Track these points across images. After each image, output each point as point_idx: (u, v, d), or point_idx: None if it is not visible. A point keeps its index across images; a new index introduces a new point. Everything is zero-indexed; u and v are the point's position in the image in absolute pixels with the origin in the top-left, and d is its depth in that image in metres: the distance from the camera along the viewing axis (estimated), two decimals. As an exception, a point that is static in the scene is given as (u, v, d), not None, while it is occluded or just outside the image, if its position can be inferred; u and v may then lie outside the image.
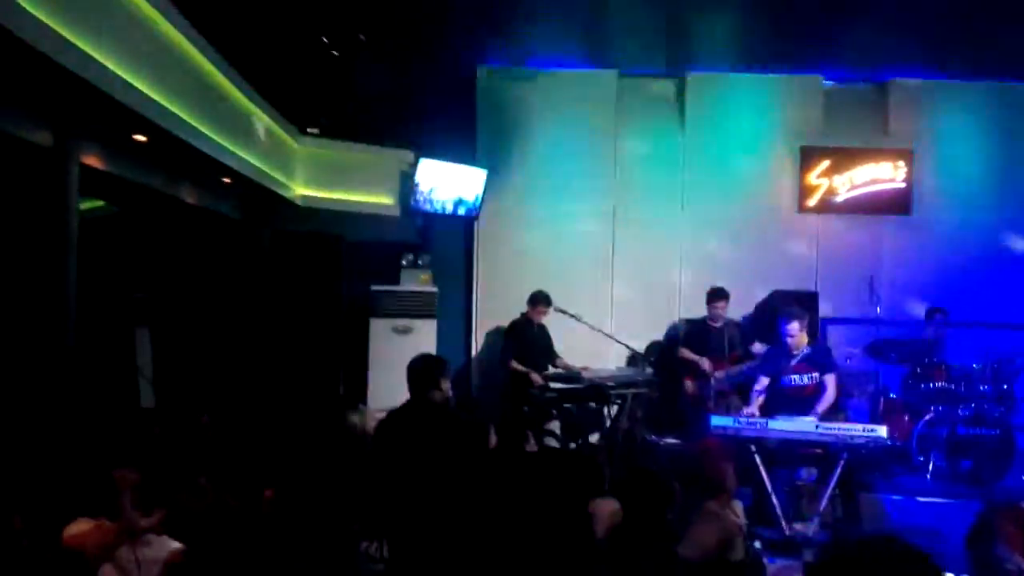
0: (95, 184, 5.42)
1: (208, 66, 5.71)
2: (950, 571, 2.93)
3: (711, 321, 7.81)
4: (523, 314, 7.99)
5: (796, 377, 6.18)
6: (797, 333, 6.13)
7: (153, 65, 4.82)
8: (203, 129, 5.59)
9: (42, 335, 4.77)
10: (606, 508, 3.87)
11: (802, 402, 6.07)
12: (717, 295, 7.79)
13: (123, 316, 6.55)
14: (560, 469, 4.04)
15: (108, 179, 5.42)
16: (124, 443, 4.83)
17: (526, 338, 7.89)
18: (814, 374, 6.16)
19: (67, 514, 3.63)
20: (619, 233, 9.07)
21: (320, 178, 8.00)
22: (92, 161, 5.15)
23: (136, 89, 4.60)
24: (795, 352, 6.19)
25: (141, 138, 5.25)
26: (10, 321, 4.85)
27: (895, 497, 6.11)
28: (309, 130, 7.87)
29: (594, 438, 7.71)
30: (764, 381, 6.27)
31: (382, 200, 8.37)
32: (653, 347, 8.68)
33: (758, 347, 7.49)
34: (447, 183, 8.59)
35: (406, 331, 8.22)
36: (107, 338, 6.21)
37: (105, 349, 6.12)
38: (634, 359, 8.43)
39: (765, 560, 4.69)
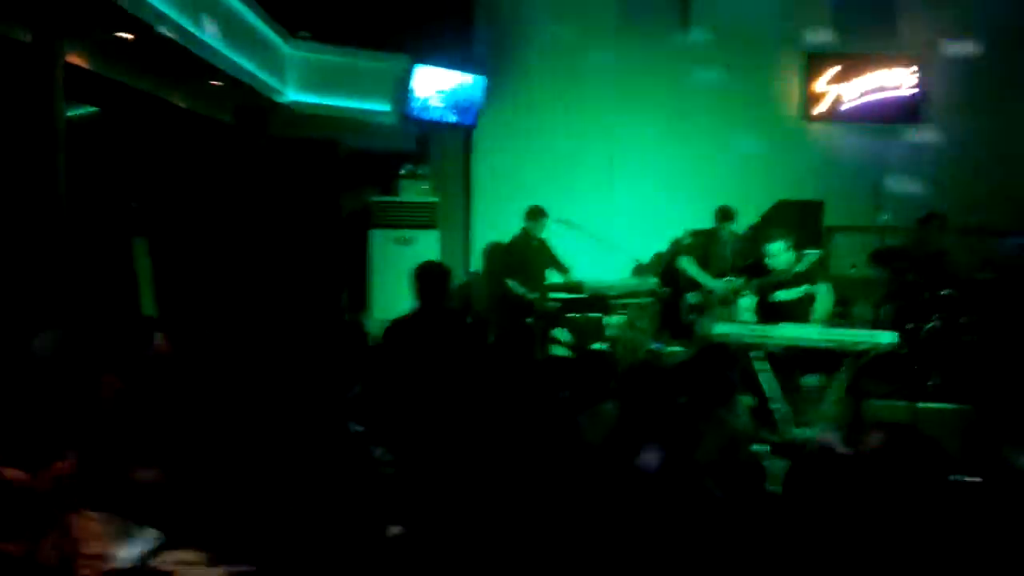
0: (82, 86, 5.23)
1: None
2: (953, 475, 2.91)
3: (716, 236, 7.71)
4: (522, 229, 7.88)
5: (784, 293, 6.08)
6: (781, 253, 6.00)
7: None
8: (191, 28, 5.38)
9: (34, 242, 4.66)
10: (603, 412, 3.86)
11: (796, 314, 5.99)
12: (724, 216, 7.70)
13: (119, 225, 6.41)
14: (570, 370, 4.01)
15: (95, 80, 5.23)
16: (123, 352, 4.75)
17: (526, 254, 7.79)
18: (804, 287, 6.06)
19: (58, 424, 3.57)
20: (620, 141, 8.88)
21: (313, 84, 7.76)
22: (77, 60, 4.96)
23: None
24: (783, 265, 6.05)
25: (127, 36, 5.04)
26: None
27: (899, 403, 6.09)
28: (300, 33, 7.60)
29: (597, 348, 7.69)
30: (753, 297, 6.20)
31: (377, 108, 8.14)
32: (657, 258, 8.60)
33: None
34: (444, 90, 8.36)
35: (407, 242, 8.11)
36: (104, 247, 6.09)
37: (102, 258, 6.01)
38: (639, 270, 8.38)
39: (766, 463, 4.69)
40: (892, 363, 6.56)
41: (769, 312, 6.12)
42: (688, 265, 7.55)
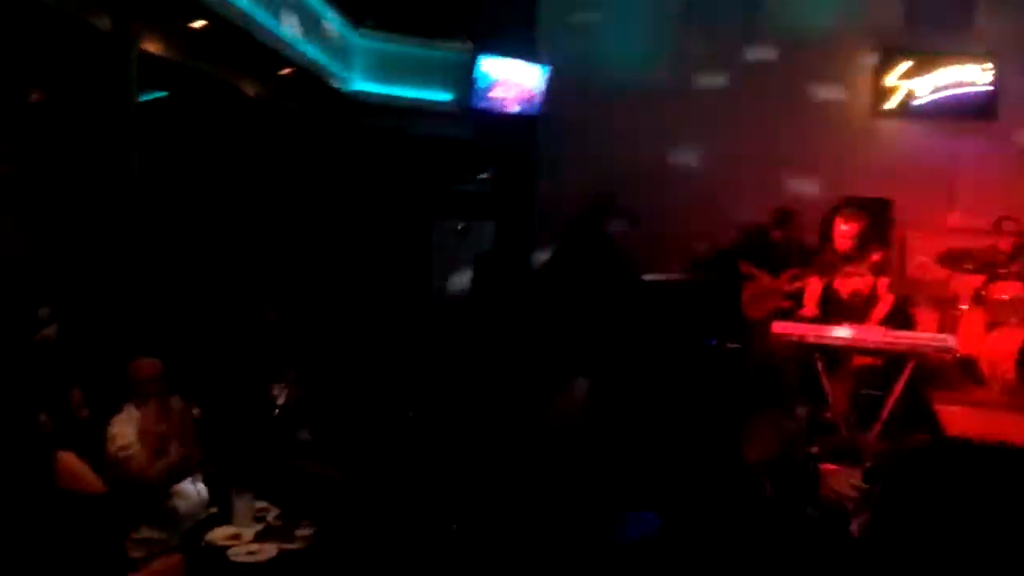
0: (155, 72, 5.38)
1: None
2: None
3: (774, 236, 7.53)
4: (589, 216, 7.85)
5: (849, 280, 5.98)
6: (845, 232, 5.91)
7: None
8: (261, 20, 5.49)
9: (108, 222, 4.82)
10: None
11: (857, 309, 5.89)
12: (786, 217, 7.53)
13: (197, 212, 6.58)
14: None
15: (168, 66, 5.38)
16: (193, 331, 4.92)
17: (598, 238, 7.75)
18: (869, 279, 5.96)
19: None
20: (684, 134, 8.78)
21: (379, 73, 7.85)
22: (152, 47, 5.10)
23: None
24: (848, 253, 5.97)
25: (200, 24, 5.16)
26: (78, 207, 4.90)
27: (961, 408, 5.94)
28: (367, 23, 7.69)
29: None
30: (816, 284, 6.09)
31: (442, 97, 8.19)
32: (718, 254, 8.49)
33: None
34: (508, 81, 8.37)
35: (466, 231, 8.17)
36: (185, 232, 6.27)
37: (182, 242, 6.18)
38: (698, 264, 8.29)
39: (822, 465, 4.62)
40: (958, 367, 6.42)
41: (831, 307, 6.02)
42: (746, 268, 7.44)
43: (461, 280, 7.13)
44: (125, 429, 3.65)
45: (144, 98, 5.39)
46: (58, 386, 3.82)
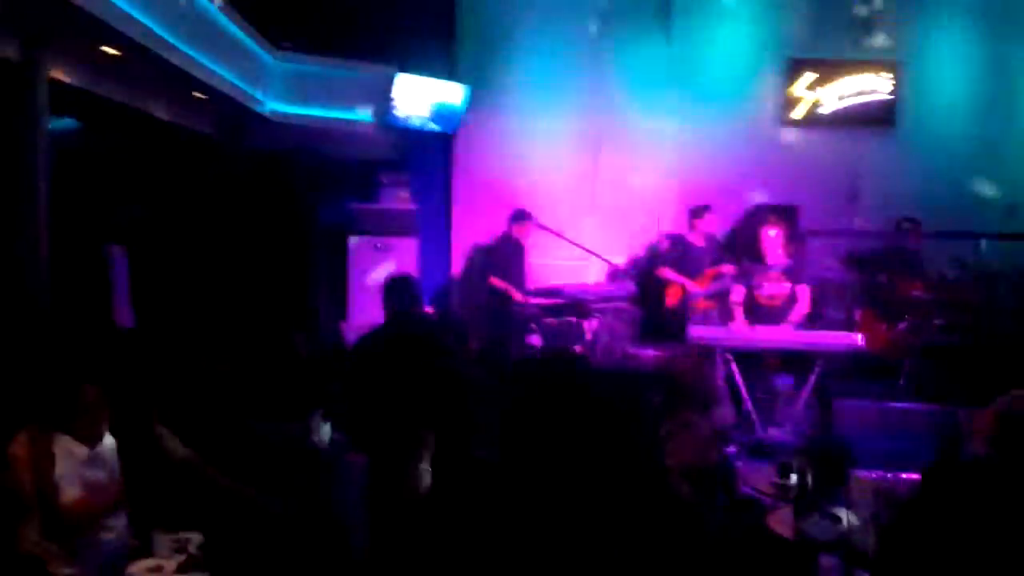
0: (65, 100, 5.31)
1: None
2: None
3: (692, 238, 7.79)
4: (505, 232, 8.00)
5: (770, 287, 6.27)
6: (774, 239, 6.23)
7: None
8: (174, 42, 5.46)
9: (15, 253, 4.74)
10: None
11: (777, 312, 6.18)
12: (700, 212, 7.79)
13: (99, 235, 6.49)
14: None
15: (78, 94, 5.32)
16: (99, 361, 4.84)
17: (509, 257, 7.91)
18: (788, 284, 6.26)
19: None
20: (603, 149, 9.00)
21: (295, 95, 7.85)
22: (61, 75, 5.04)
23: (107, 1, 4.48)
24: (771, 262, 6.28)
25: (112, 51, 5.12)
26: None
27: (869, 403, 6.23)
28: (283, 45, 7.70)
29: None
30: (741, 291, 6.37)
31: (359, 117, 8.23)
32: (635, 263, 8.72)
33: (727, 268, 7.47)
34: (426, 99, 8.45)
35: (385, 249, 8.21)
36: (83, 256, 6.17)
37: (82, 267, 6.09)
38: (616, 275, 8.49)
39: (739, 463, 4.81)
40: (864, 364, 6.73)
41: (752, 312, 6.29)
42: (668, 274, 7.67)
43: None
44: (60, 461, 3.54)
45: (55, 126, 5.32)
46: None
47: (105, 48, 5.09)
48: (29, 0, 4.07)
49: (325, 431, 4.28)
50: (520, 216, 7.95)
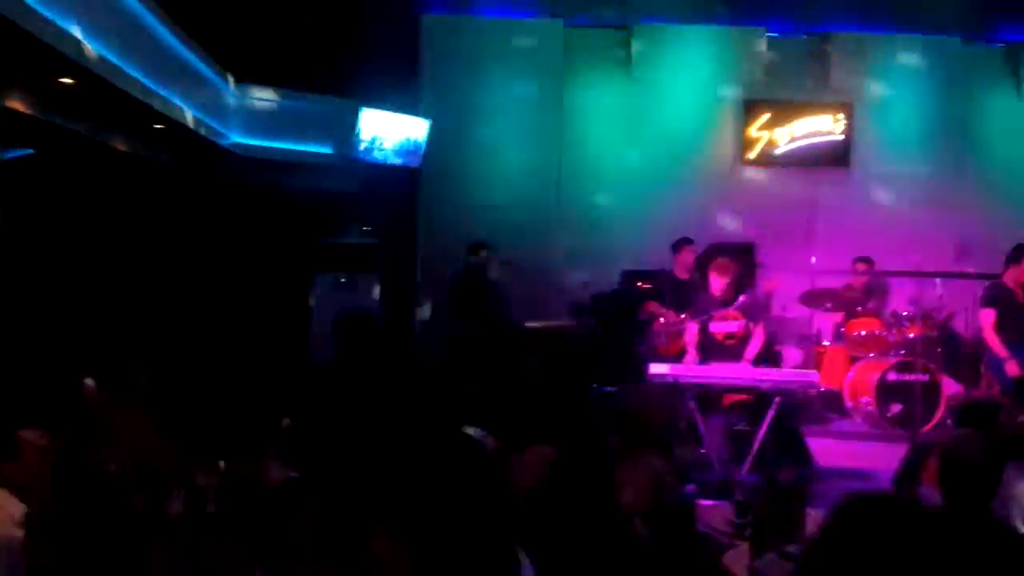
0: (21, 130, 5.25)
1: (140, 9, 5.53)
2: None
3: (677, 272, 7.65)
4: (466, 265, 7.92)
5: (723, 324, 6.31)
6: (720, 283, 6.28)
7: (83, 7, 4.66)
8: (134, 74, 5.43)
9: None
10: (538, 455, 3.91)
11: (731, 350, 6.21)
12: (678, 246, 7.66)
13: (60, 267, 6.38)
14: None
15: (34, 124, 5.25)
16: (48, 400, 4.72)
17: (472, 290, 7.82)
18: (742, 322, 6.30)
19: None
20: (565, 184, 9.07)
21: (257, 128, 7.84)
22: (17, 105, 4.98)
23: (63, 31, 4.45)
24: (723, 299, 6.31)
25: (68, 81, 5.08)
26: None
27: (827, 440, 6.29)
28: (246, 78, 7.69)
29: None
30: (693, 328, 6.39)
31: (322, 150, 8.23)
32: (599, 299, 8.70)
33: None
34: (389, 133, 8.48)
35: (349, 284, 8.17)
36: (43, 290, 6.06)
37: (42, 301, 5.98)
38: (579, 311, 8.48)
39: (697, 502, 4.80)
40: (821, 401, 6.80)
41: (709, 348, 6.31)
42: (654, 306, 7.55)
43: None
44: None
45: (9, 155, 5.25)
46: None
47: (62, 79, 5.05)
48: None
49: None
50: (477, 248, 7.86)
